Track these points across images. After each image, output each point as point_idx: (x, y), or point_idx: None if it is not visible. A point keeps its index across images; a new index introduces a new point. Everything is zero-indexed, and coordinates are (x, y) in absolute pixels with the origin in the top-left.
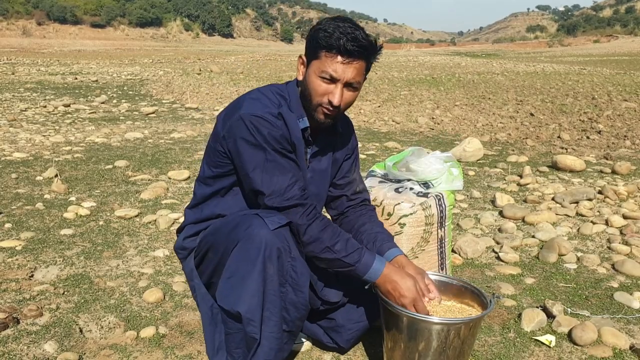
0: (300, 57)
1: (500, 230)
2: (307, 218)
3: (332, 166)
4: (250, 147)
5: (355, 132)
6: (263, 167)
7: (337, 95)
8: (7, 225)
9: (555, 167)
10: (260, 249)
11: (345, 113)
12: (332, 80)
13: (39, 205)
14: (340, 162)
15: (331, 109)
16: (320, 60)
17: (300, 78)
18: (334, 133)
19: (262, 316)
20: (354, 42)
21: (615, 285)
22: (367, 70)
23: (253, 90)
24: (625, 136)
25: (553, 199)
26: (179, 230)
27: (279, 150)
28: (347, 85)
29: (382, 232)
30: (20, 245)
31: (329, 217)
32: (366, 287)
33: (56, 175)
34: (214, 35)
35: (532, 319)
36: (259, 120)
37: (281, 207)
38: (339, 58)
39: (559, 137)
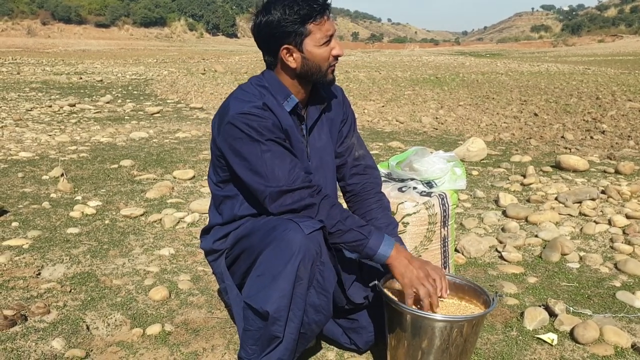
0: (283, 49)
1: (503, 229)
2: (317, 197)
3: (332, 130)
4: (245, 144)
5: (359, 131)
6: (262, 159)
7: (338, 47)
8: (14, 224)
9: (558, 167)
10: (294, 252)
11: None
12: (330, 39)
13: (46, 204)
14: (339, 126)
15: (336, 62)
16: (312, 33)
17: (295, 65)
18: (321, 99)
19: (287, 317)
20: None
21: (618, 284)
22: None
23: (236, 90)
24: (629, 136)
25: (556, 198)
26: (205, 231)
27: (273, 139)
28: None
29: (387, 225)
30: (27, 243)
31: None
32: (370, 285)
33: (62, 175)
34: (218, 35)
35: (535, 317)
36: (246, 116)
37: (290, 189)
38: (325, 17)
39: (562, 137)
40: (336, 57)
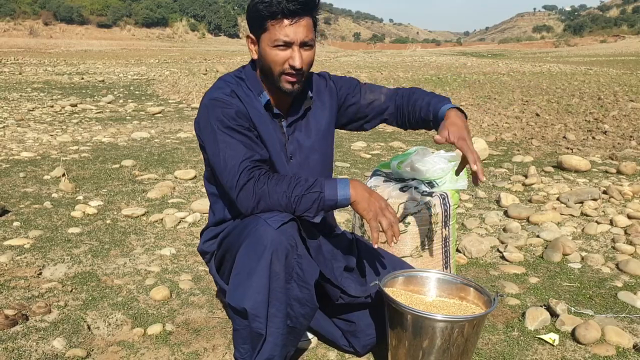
0: (248, 37)
1: (504, 229)
2: (260, 184)
3: (322, 123)
4: (207, 132)
5: (361, 132)
6: (217, 148)
7: (296, 58)
8: (16, 223)
9: (560, 167)
10: (266, 246)
11: (319, 74)
12: (287, 45)
13: (47, 204)
14: (335, 111)
15: (294, 73)
16: (269, 31)
17: (255, 57)
18: (308, 99)
19: (267, 313)
20: (294, 1)
21: (619, 284)
22: (315, 25)
23: (216, 80)
24: (631, 136)
25: (558, 199)
26: (202, 232)
27: (232, 127)
28: (303, 45)
29: (434, 97)
30: (28, 243)
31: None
32: (372, 284)
33: (63, 175)
34: (220, 36)
35: (536, 317)
36: (213, 102)
37: (237, 184)
38: (286, 21)
39: (564, 137)
40: (293, 68)
